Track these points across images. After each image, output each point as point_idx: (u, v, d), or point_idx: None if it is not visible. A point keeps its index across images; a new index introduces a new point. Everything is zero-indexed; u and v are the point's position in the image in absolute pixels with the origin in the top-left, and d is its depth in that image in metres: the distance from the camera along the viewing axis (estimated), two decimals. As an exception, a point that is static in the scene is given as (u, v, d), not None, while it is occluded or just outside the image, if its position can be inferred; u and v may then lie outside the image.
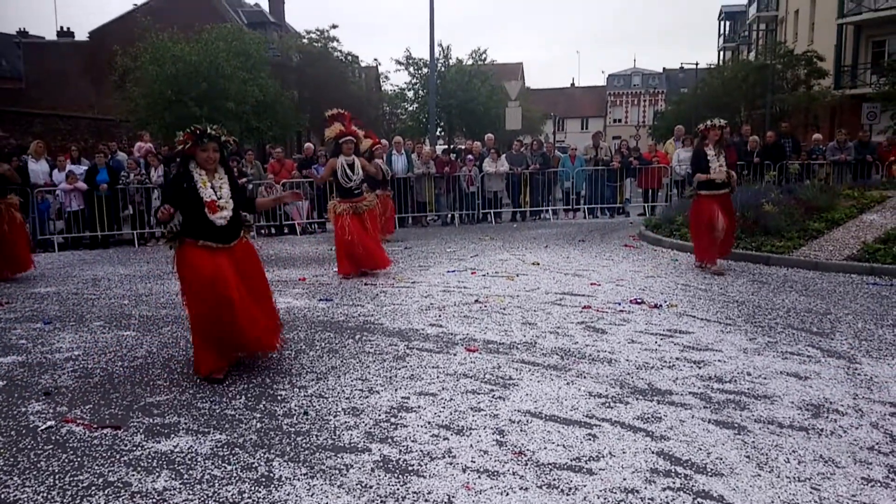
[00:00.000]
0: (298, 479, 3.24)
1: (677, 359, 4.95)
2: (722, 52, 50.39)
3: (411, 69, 31.34)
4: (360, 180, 8.53)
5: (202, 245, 4.62)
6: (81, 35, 38.21)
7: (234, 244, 4.77)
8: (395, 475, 3.26)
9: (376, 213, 9.02)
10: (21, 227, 9.33)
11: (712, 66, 40.96)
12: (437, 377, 4.64)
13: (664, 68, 71.56)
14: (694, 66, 43.98)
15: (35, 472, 3.36)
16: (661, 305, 6.60)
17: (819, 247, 9.14)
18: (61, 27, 41.08)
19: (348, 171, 8.39)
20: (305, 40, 30.66)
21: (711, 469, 3.26)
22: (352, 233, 8.29)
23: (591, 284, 7.71)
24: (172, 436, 3.78)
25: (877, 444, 3.51)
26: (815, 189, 11.41)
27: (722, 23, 51.90)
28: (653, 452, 3.45)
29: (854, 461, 3.32)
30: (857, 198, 11.16)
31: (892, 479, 3.14)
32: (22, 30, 43.13)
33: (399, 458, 3.43)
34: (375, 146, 12.30)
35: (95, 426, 3.93)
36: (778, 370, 4.68)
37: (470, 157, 15.61)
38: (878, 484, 3.10)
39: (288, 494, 3.10)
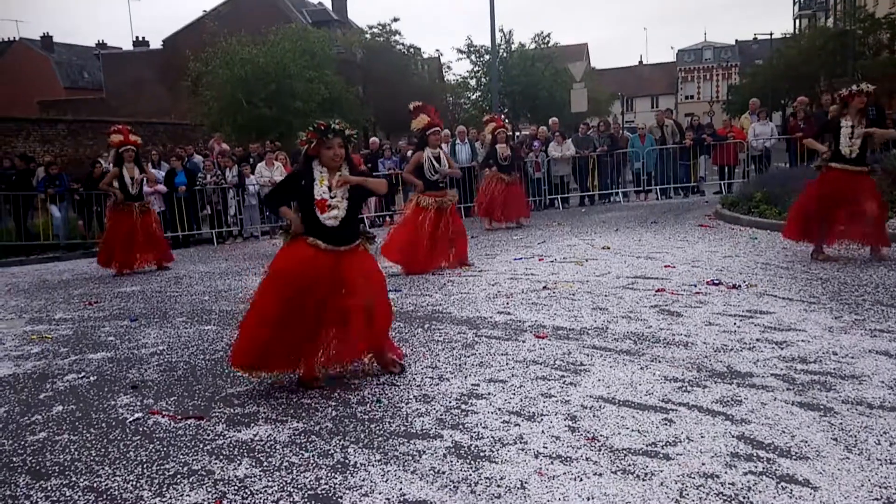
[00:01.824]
0: (373, 465, 3.29)
1: (758, 340, 4.77)
2: (798, 20, 48.05)
3: (473, 57, 31.27)
4: (445, 173, 8.34)
5: (311, 243, 4.32)
6: (156, 43, 39.84)
7: (347, 249, 4.39)
8: (467, 461, 3.27)
9: (455, 209, 8.69)
10: (157, 220, 10.72)
11: (788, 36, 39.24)
12: (507, 364, 4.62)
13: (736, 40, 68.92)
14: (768, 37, 42.21)
15: (124, 462, 3.53)
16: (739, 286, 6.37)
17: (910, 219, 8.62)
18: (137, 37, 43.07)
19: (435, 163, 8.19)
20: (368, 35, 31.03)
21: (796, 452, 3.13)
22: (429, 228, 8.08)
23: (665, 267, 7.52)
24: (252, 425, 3.90)
25: (979, 424, 3.29)
26: (903, 158, 10.76)
27: (797, -11, 49.50)
28: (733, 436, 3.33)
29: (953, 443, 3.12)
30: (950, 165, 10.47)
31: None
32: (101, 42, 45.30)
33: (471, 444, 3.44)
34: (498, 129, 12.10)
35: (180, 417, 4.09)
36: (866, 348, 4.44)
37: (536, 142, 15.44)
38: (982, 467, 2.91)
39: (363, 480, 3.15)
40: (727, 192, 14.02)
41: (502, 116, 15.10)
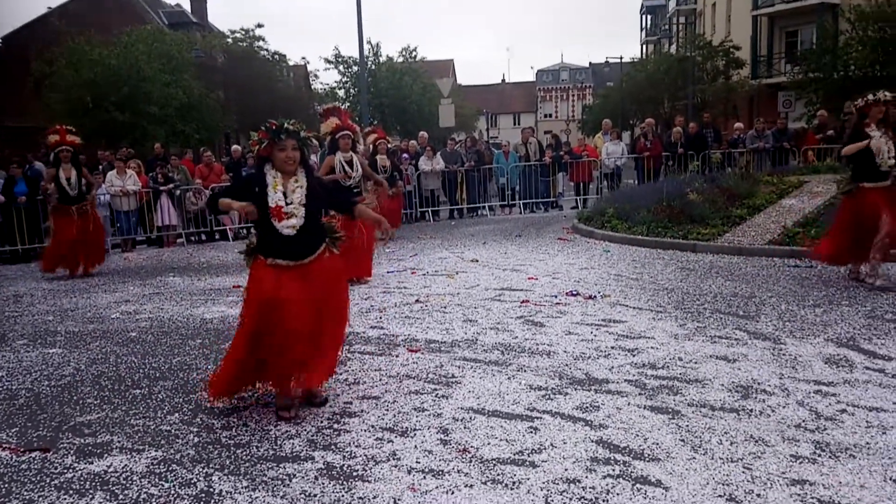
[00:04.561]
0: (240, 493, 3.18)
1: (612, 348, 5.07)
2: (645, 46, 51.85)
3: (341, 67, 31.10)
4: (360, 178, 7.92)
5: (271, 264, 4.02)
6: (-8, 39, 36.33)
7: (310, 261, 4.07)
8: (340, 482, 3.23)
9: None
10: (101, 223, 10.54)
11: (636, 60, 42.09)
12: (380, 380, 4.62)
13: (590, 63, 73.11)
14: (619, 61, 45.01)
15: (-43, 504, 3.19)
16: (595, 296, 6.74)
17: (742, 232, 9.50)
18: (-31, 32, 38.98)
19: (347, 167, 7.80)
20: (230, 40, 30.02)
21: (649, 454, 3.36)
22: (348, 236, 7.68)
23: (529, 279, 7.82)
24: (105, 455, 3.65)
25: (803, 421, 3.68)
26: (736, 177, 11.87)
27: (644, 17, 53.36)
28: (592, 441, 3.52)
29: (783, 439, 3.47)
30: (776, 184, 11.64)
31: (819, 455, 3.30)
32: (-74, 35, 40.72)
33: (343, 465, 3.40)
34: (379, 140, 11.71)
35: (22, 450, 3.75)
36: (708, 354, 4.84)
37: (405, 155, 15.57)
38: (806, 460, 3.25)
39: (230, 508, 3.04)
40: (583, 208, 14.80)
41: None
